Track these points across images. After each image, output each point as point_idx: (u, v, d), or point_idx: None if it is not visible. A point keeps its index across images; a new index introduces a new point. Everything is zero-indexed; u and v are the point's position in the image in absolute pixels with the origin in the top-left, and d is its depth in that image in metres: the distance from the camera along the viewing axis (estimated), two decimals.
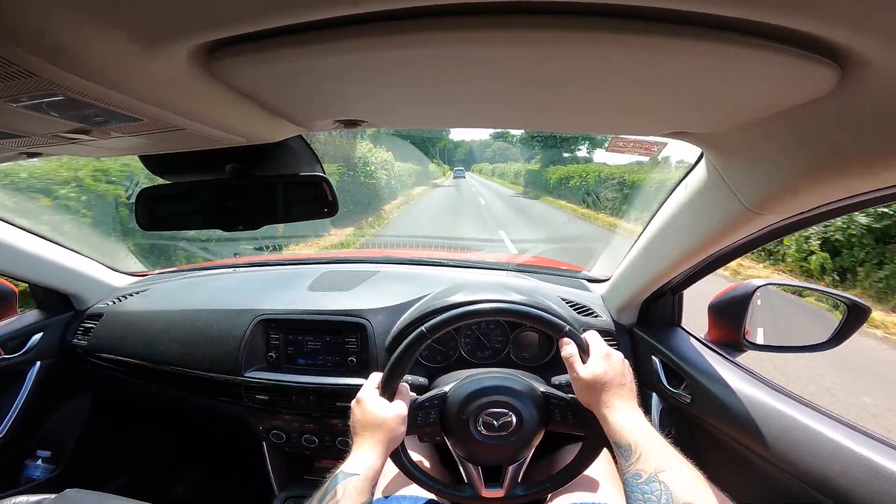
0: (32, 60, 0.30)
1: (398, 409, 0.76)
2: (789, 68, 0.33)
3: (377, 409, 0.75)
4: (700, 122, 0.52)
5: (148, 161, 0.74)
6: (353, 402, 0.78)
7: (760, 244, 0.74)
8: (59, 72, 0.32)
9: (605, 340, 0.79)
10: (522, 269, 1.48)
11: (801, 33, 0.29)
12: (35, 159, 0.71)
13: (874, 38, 0.29)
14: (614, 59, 0.35)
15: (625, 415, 0.69)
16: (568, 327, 0.78)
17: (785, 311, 1.08)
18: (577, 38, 0.32)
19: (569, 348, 0.76)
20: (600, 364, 0.73)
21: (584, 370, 0.73)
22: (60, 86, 0.34)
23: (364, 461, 0.69)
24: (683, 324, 1.11)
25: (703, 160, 0.69)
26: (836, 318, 0.96)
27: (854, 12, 0.27)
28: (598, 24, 0.31)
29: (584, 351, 0.76)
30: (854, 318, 0.92)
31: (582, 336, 0.78)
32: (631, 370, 0.76)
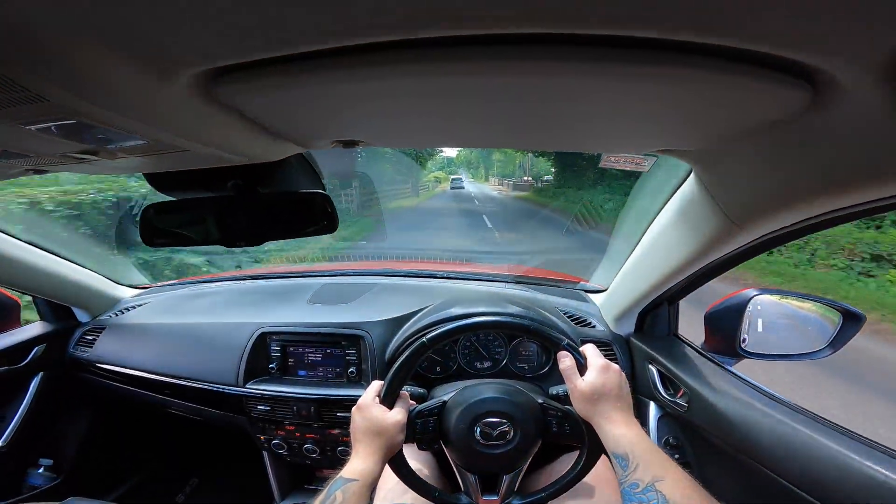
0: (46, 86, 0.31)
1: (398, 416, 0.78)
2: (763, 89, 0.35)
3: (377, 416, 0.76)
4: (684, 140, 0.54)
5: (151, 178, 0.75)
6: (354, 409, 0.79)
7: (748, 257, 0.76)
8: (70, 97, 0.33)
9: (602, 350, 0.80)
10: (521, 280, 1.50)
11: (772, 56, 0.31)
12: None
13: (842, 61, 0.31)
14: (601, 85, 0.37)
15: (622, 426, 0.70)
16: (566, 341, 0.79)
17: (780, 319, 1.09)
18: (567, 67, 0.34)
19: (567, 361, 0.77)
20: (598, 377, 0.74)
21: (582, 383, 0.74)
22: (71, 110, 0.35)
23: (363, 467, 0.70)
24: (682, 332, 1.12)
25: (691, 175, 0.71)
26: (830, 326, 0.96)
27: (821, 38, 0.28)
28: (585, 54, 0.32)
29: (581, 364, 0.77)
30: (849, 325, 0.93)
31: (580, 349, 0.79)
32: (628, 383, 0.77)
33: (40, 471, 1.38)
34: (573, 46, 0.32)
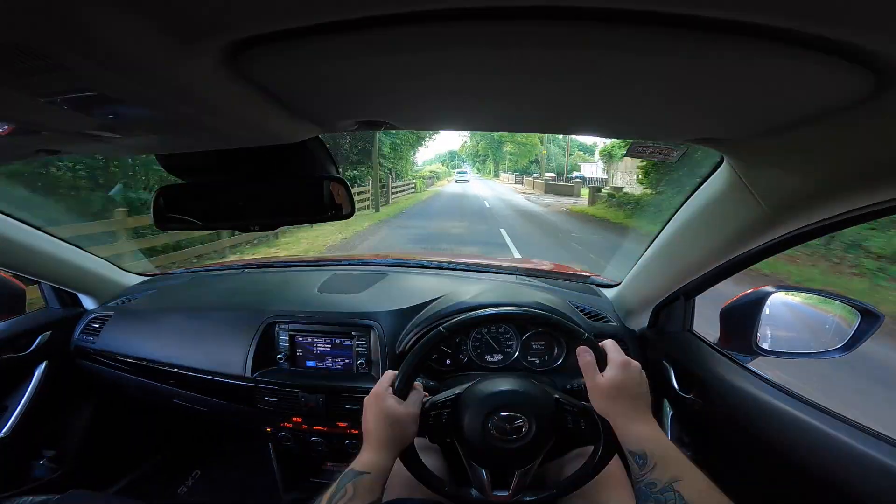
0: (66, 54, 0.30)
1: (411, 408, 0.76)
2: (821, 75, 0.33)
3: (391, 406, 0.75)
4: (726, 128, 0.52)
5: (165, 160, 0.74)
6: (367, 399, 0.77)
7: (780, 250, 0.74)
8: (91, 66, 0.32)
9: None
10: (531, 273, 1.48)
11: (833, 40, 0.29)
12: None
13: None
14: (642, 65, 0.35)
15: (640, 423, 0.69)
16: (587, 335, 0.77)
17: (797, 317, 1.07)
18: (605, 44, 0.32)
19: (587, 356, 0.76)
20: (618, 373, 0.72)
21: (602, 379, 0.73)
22: (91, 80, 0.34)
23: (375, 460, 0.69)
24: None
25: (723, 164, 0.69)
26: (847, 325, 0.95)
27: (890, 20, 0.26)
28: (626, 31, 0.31)
29: (601, 359, 0.76)
30: (866, 323, 0.92)
31: (600, 344, 0.78)
32: (647, 380, 0.75)
33: (43, 462, 1.37)
34: (620, 23, 0.30)
